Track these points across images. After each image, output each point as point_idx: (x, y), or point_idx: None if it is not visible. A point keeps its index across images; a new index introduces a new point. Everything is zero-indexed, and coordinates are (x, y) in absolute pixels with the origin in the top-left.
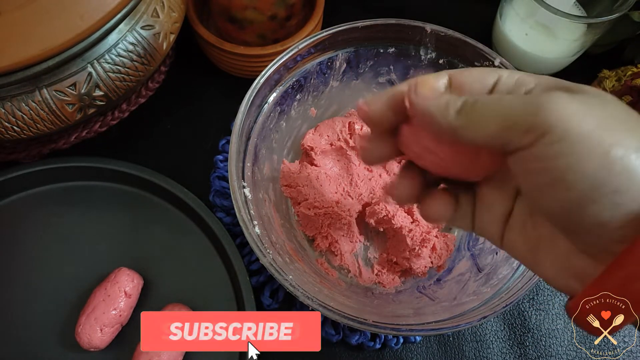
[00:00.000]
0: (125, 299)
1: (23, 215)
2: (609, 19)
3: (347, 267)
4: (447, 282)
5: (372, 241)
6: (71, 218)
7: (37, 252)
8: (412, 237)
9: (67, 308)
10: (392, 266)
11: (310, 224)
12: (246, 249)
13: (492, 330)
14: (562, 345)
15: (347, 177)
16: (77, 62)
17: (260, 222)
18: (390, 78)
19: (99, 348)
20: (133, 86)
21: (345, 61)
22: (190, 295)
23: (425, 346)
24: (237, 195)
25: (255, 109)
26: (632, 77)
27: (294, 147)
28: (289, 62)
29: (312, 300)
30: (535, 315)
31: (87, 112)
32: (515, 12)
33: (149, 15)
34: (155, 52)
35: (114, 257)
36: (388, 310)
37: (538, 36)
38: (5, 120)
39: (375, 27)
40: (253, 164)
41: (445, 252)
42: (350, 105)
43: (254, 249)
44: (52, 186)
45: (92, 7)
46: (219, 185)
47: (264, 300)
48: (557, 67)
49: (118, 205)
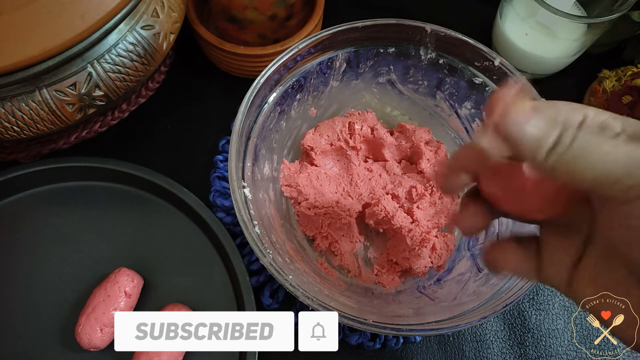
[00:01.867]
0: (125, 299)
1: (23, 215)
2: (609, 19)
3: (347, 267)
4: (447, 282)
5: (372, 241)
6: (71, 218)
7: (37, 252)
8: (412, 237)
9: (67, 308)
10: (392, 266)
11: (310, 224)
12: (246, 249)
13: (492, 330)
14: (562, 345)
15: (347, 177)
16: (77, 62)
17: (260, 222)
18: (390, 78)
19: (99, 348)
20: (133, 86)
21: (345, 61)
22: (190, 295)
23: (425, 346)
24: (237, 195)
25: (255, 109)
26: (632, 77)
27: (294, 147)
28: (289, 62)
29: (312, 300)
30: (535, 315)
31: (87, 112)
32: (515, 12)
33: (149, 15)
34: (155, 52)
35: (114, 257)
36: (388, 310)
37: (538, 36)
38: (5, 120)
39: (375, 27)
40: (253, 164)
41: (445, 252)
42: (351, 105)
43: (254, 249)
44: (52, 186)
45: (92, 7)
46: (219, 185)
47: (264, 300)
48: (557, 67)
49: (118, 205)
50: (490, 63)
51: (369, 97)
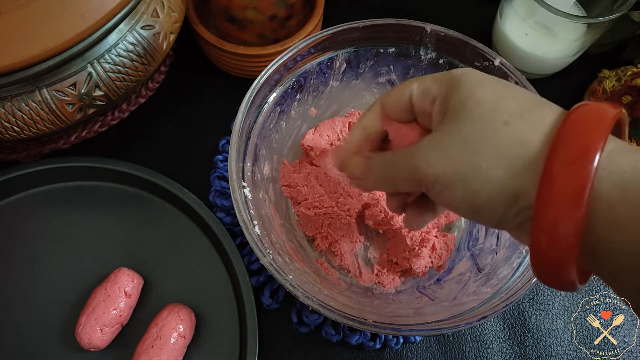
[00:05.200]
0: (125, 299)
1: (23, 215)
2: (609, 19)
3: (347, 267)
4: (447, 282)
5: (372, 241)
6: (71, 218)
7: (37, 252)
8: (412, 237)
9: (67, 308)
10: (392, 266)
11: (310, 224)
12: (246, 249)
13: (492, 330)
14: (562, 345)
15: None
16: (77, 62)
17: (260, 222)
18: (390, 78)
19: (99, 348)
20: (133, 86)
21: (345, 61)
22: (190, 295)
23: (425, 346)
24: (237, 195)
25: (255, 109)
26: (632, 77)
27: (294, 147)
28: (289, 62)
29: (312, 300)
30: (535, 315)
31: (87, 112)
32: (515, 12)
33: (149, 15)
34: (155, 52)
35: (114, 257)
36: (388, 310)
37: (538, 36)
38: (5, 120)
39: (375, 27)
40: (253, 164)
41: (445, 252)
42: (351, 105)
43: (254, 249)
44: (52, 186)
45: (92, 7)
46: (219, 185)
47: (264, 300)
48: (557, 67)
49: (118, 205)
50: (490, 63)
51: (369, 97)
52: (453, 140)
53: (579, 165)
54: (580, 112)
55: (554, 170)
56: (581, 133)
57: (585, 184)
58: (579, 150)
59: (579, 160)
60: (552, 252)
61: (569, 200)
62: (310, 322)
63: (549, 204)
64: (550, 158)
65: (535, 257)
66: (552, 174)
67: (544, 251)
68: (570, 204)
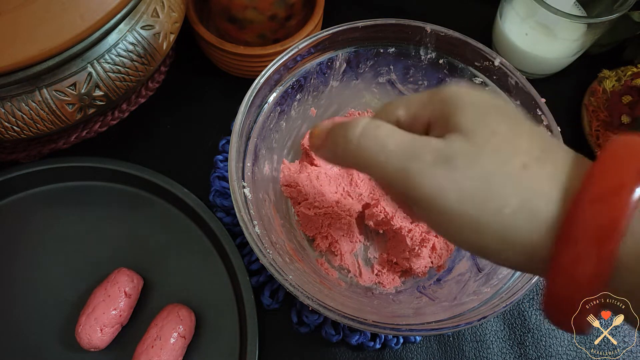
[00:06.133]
0: (125, 299)
1: (23, 215)
2: (609, 19)
3: (347, 267)
4: (447, 282)
5: (372, 241)
6: (71, 218)
7: (37, 252)
8: (412, 237)
9: (67, 308)
10: (392, 266)
11: (310, 224)
12: (246, 249)
13: (492, 330)
14: (562, 345)
15: (347, 177)
16: (77, 62)
17: (260, 222)
18: (390, 78)
19: (99, 348)
20: (133, 86)
21: (345, 61)
22: (190, 295)
23: (425, 346)
24: (237, 195)
25: (255, 109)
26: (632, 77)
27: (294, 147)
28: (289, 62)
29: (312, 300)
30: (535, 315)
31: (87, 112)
32: (515, 12)
33: (149, 15)
34: (155, 52)
35: (114, 257)
36: (388, 310)
37: (538, 36)
38: (5, 120)
39: (375, 27)
40: (253, 164)
41: (445, 252)
42: (351, 105)
43: (254, 249)
44: (52, 186)
45: (92, 7)
46: (219, 185)
47: (264, 300)
48: (557, 67)
49: (118, 205)
50: (490, 63)
51: (369, 97)
52: (472, 168)
53: (612, 202)
54: (611, 150)
55: (584, 207)
56: (614, 170)
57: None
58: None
59: (611, 196)
60: (569, 291)
61: (595, 237)
62: (310, 322)
63: (574, 242)
64: (580, 195)
65: (551, 299)
66: (583, 210)
67: (561, 292)
68: (597, 241)
